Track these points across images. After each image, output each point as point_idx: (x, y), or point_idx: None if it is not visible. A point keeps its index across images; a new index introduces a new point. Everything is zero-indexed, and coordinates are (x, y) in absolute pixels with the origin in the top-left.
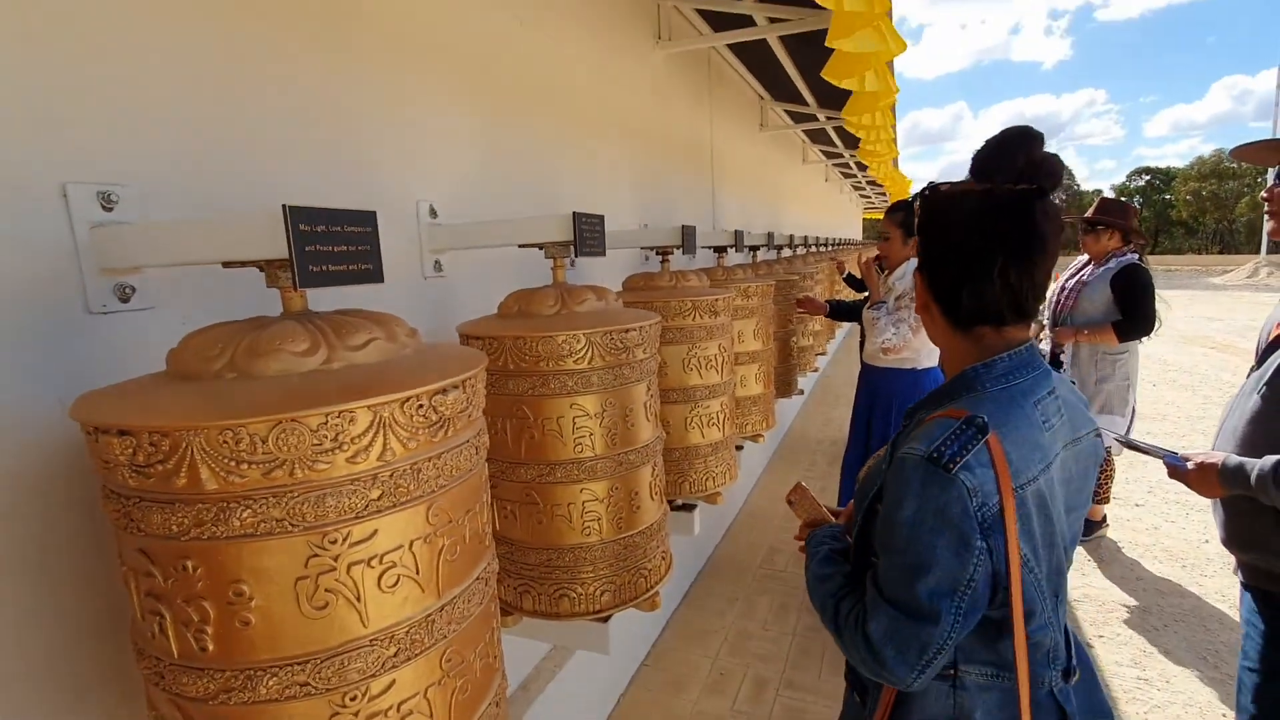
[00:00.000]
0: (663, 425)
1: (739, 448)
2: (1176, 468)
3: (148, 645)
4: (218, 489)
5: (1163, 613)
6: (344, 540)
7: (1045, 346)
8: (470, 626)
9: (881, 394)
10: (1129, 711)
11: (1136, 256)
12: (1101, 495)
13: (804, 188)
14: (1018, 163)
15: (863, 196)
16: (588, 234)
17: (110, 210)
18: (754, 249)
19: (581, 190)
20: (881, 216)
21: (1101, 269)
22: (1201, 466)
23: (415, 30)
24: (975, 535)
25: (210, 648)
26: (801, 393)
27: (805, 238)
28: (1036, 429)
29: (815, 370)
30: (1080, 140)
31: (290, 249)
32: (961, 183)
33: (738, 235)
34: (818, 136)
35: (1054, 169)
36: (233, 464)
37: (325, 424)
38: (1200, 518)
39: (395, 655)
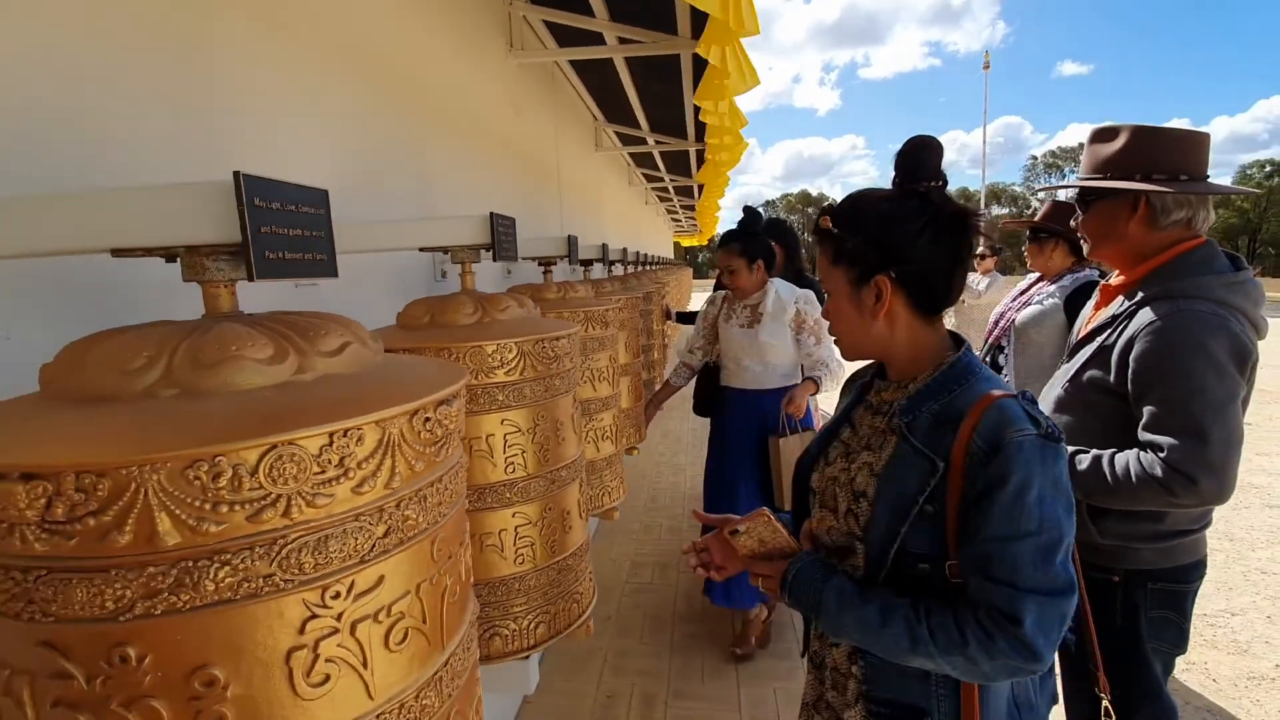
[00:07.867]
0: None
1: None
2: None
3: None
4: (181, 543)
5: None
6: (349, 593)
7: None
8: (467, 682)
9: (772, 413)
10: None
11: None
12: None
13: (630, 209)
14: (937, 163)
15: (674, 220)
16: (503, 237)
17: None
18: (612, 264)
19: (454, 192)
20: (690, 241)
21: (1055, 286)
22: None
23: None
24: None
25: None
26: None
27: (638, 254)
28: None
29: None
30: (845, 178)
31: (245, 230)
32: (901, 189)
33: (604, 249)
34: (643, 160)
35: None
36: (207, 508)
37: (330, 445)
38: None
39: None
